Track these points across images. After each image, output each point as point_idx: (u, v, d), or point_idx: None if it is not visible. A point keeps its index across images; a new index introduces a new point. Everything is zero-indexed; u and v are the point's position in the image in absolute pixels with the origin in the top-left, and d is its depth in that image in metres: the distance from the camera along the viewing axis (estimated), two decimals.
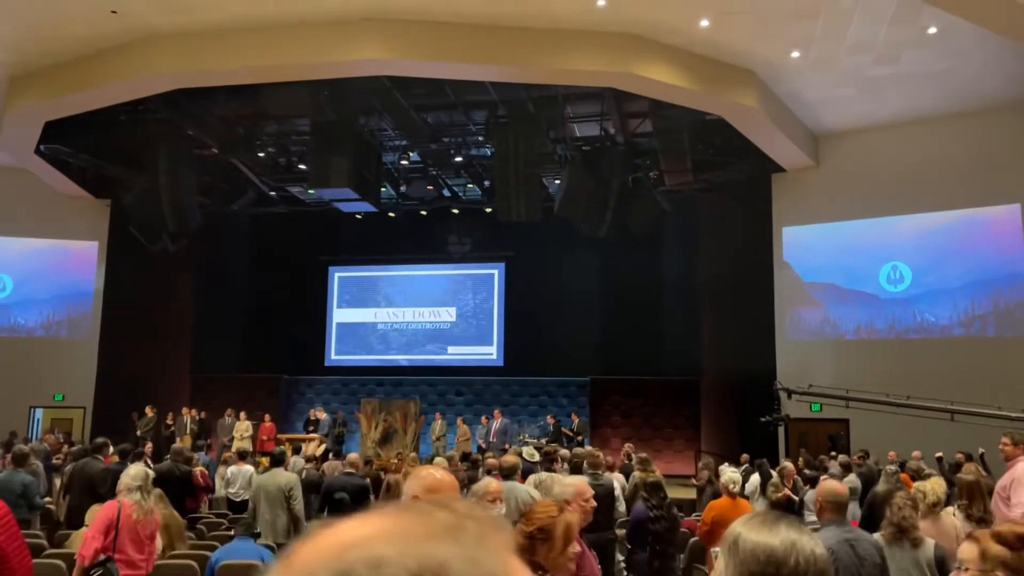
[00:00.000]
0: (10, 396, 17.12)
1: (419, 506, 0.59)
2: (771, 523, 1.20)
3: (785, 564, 1.14)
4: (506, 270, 20.36)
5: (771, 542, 1.16)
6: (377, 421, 17.82)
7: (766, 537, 1.17)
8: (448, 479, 2.56)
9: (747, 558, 1.16)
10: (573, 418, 17.52)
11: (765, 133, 14.20)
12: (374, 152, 16.08)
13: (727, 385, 17.09)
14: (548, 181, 17.31)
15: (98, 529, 4.79)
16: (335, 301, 21.09)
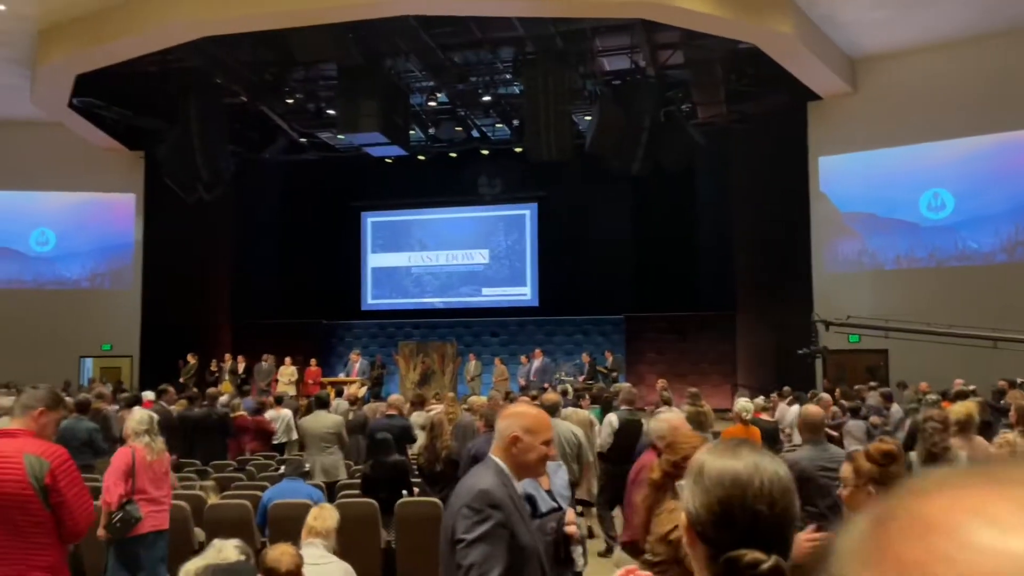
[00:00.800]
0: (60, 346, 17.63)
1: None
2: (733, 449, 1.24)
3: (750, 486, 1.17)
4: (538, 210, 20.29)
5: (735, 466, 1.20)
6: (415, 363, 18.11)
7: (730, 462, 1.20)
8: (547, 419, 2.57)
9: (712, 484, 1.19)
10: (607, 355, 17.64)
11: (800, 60, 13.80)
12: (402, 95, 15.96)
13: (763, 318, 17.03)
14: (578, 118, 17.08)
15: (117, 476, 4.98)
16: (369, 246, 21.23)
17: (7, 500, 3.18)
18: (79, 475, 3.45)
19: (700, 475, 1.22)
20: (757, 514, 1.16)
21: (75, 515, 3.32)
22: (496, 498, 2.31)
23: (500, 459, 2.46)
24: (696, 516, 1.20)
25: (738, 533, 1.16)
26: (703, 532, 1.19)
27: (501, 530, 2.26)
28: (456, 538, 2.26)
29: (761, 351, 17.21)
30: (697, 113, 16.51)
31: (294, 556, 3.34)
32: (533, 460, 2.46)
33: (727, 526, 1.17)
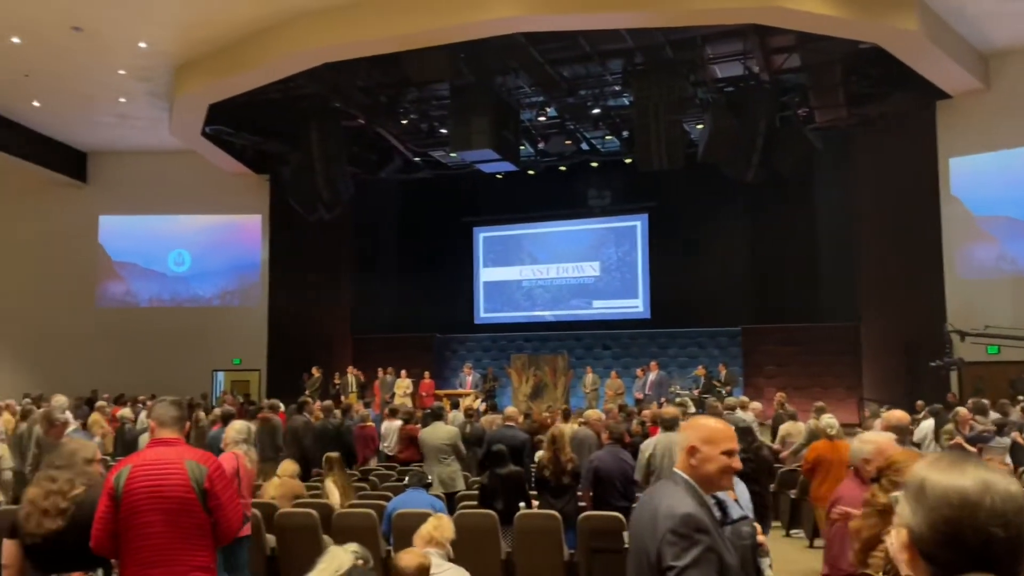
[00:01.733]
0: (196, 360, 18.75)
1: None
2: (958, 464, 1.16)
3: (981, 505, 1.10)
4: (649, 220, 20.09)
5: (962, 483, 1.12)
6: (527, 376, 18.24)
7: (956, 479, 1.13)
8: (727, 429, 2.56)
9: (938, 503, 1.13)
10: (720, 369, 17.22)
11: (927, 57, 13.14)
12: (512, 111, 16.17)
13: (890, 329, 16.24)
14: (690, 126, 16.84)
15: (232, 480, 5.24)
16: (481, 261, 21.57)
17: (175, 503, 3.39)
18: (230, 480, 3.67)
19: (922, 492, 1.16)
20: (990, 536, 1.10)
21: (229, 518, 3.53)
22: (702, 523, 2.31)
23: (684, 472, 2.47)
24: (919, 535, 1.15)
25: (968, 555, 1.10)
26: (927, 552, 1.14)
27: (710, 554, 2.28)
28: (666, 565, 2.26)
29: (889, 364, 16.39)
30: (815, 117, 15.98)
31: (423, 559, 3.47)
32: (714, 471, 2.44)
33: (956, 548, 1.11)
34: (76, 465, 3.62)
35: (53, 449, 3.64)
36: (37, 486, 3.54)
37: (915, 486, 1.17)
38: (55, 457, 3.68)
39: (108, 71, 15.03)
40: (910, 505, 1.17)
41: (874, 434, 4.77)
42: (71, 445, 3.75)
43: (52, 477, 3.54)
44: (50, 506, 3.44)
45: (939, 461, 1.19)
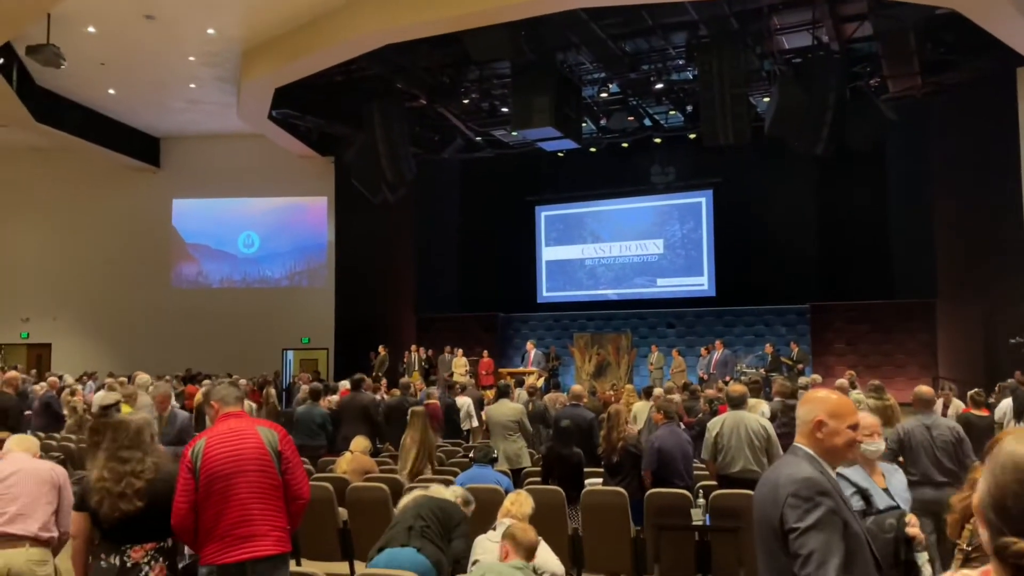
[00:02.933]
0: (266, 340, 19.27)
1: None
2: None
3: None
4: (713, 197, 19.76)
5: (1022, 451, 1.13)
6: (590, 354, 18.20)
7: (1021, 447, 1.14)
8: (851, 403, 2.57)
9: (998, 468, 1.14)
10: (792, 347, 16.91)
11: (1008, 21, 12.51)
12: (573, 88, 16.04)
13: (968, 306, 15.67)
14: (756, 100, 16.44)
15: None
16: (543, 239, 21.56)
17: (254, 464, 3.56)
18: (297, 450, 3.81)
19: (993, 458, 1.19)
20: None
21: (300, 481, 3.69)
22: (823, 485, 2.32)
23: (806, 446, 2.46)
24: (981, 499, 1.18)
25: (1011, 521, 1.12)
26: (985, 515, 1.16)
27: (834, 517, 2.28)
28: (789, 528, 2.27)
29: (966, 341, 15.85)
30: (888, 87, 15.41)
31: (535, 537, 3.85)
32: (841, 444, 2.45)
33: (1001, 513, 1.13)
34: (144, 443, 3.67)
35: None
36: (106, 469, 3.56)
37: (994, 452, 1.19)
38: (121, 437, 3.64)
39: (179, 58, 15.43)
40: (984, 469, 1.19)
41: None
42: (135, 423, 3.73)
43: (123, 458, 3.58)
44: (126, 488, 3.51)
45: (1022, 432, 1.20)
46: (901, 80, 15.09)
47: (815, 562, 2.19)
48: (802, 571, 2.20)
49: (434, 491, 4.58)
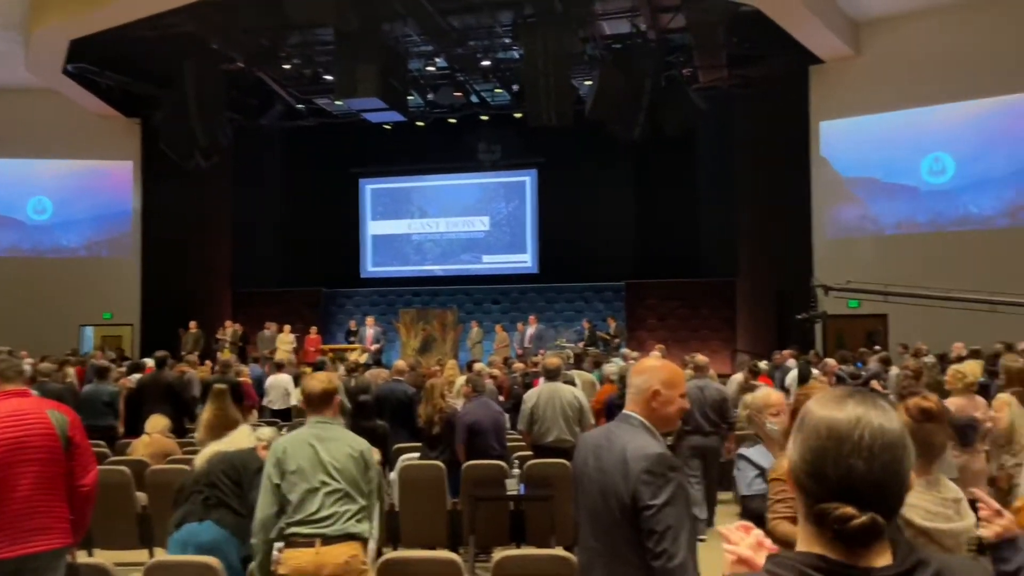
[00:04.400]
0: (60, 315, 17.65)
1: None
2: (841, 399, 1.17)
3: (848, 439, 1.11)
4: (538, 176, 20.20)
5: (836, 416, 1.14)
6: (416, 330, 18.12)
7: (832, 412, 1.15)
8: (681, 372, 2.63)
9: (810, 434, 1.15)
10: (609, 322, 17.67)
11: (802, 23, 13.64)
12: (400, 59, 15.81)
13: (764, 284, 17.03)
14: (579, 83, 16.91)
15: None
16: (368, 213, 21.18)
17: (41, 453, 3.26)
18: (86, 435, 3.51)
19: (802, 423, 1.18)
20: (851, 469, 1.11)
21: (86, 468, 3.42)
22: (673, 460, 2.40)
23: (639, 414, 2.50)
24: (793, 465, 1.17)
25: (828, 487, 1.12)
26: (799, 482, 1.16)
27: (682, 491, 2.35)
28: (645, 504, 2.31)
29: (762, 317, 17.24)
30: (699, 77, 16.35)
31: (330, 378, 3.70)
32: (672, 413, 2.52)
33: (819, 478, 1.13)
34: None
35: None
36: None
37: (800, 418, 1.19)
38: None
39: None
40: (793, 436, 1.19)
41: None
42: None
43: None
44: None
45: (826, 395, 1.20)
46: (710, 71, 16.06)
47: (671, 537, 2.26)
48: (658, 546, 2.26)
49: (232, 441, 4.40)
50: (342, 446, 3.49)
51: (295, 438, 3.54)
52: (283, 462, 3.45)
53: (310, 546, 3.35)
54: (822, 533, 1.11)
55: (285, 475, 3.43)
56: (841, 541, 1.10)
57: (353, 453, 3.49)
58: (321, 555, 3.34)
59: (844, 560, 1.10)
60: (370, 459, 3.56)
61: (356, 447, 3.52)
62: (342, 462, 3.45)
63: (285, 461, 3.44)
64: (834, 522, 1.09)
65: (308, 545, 3.35)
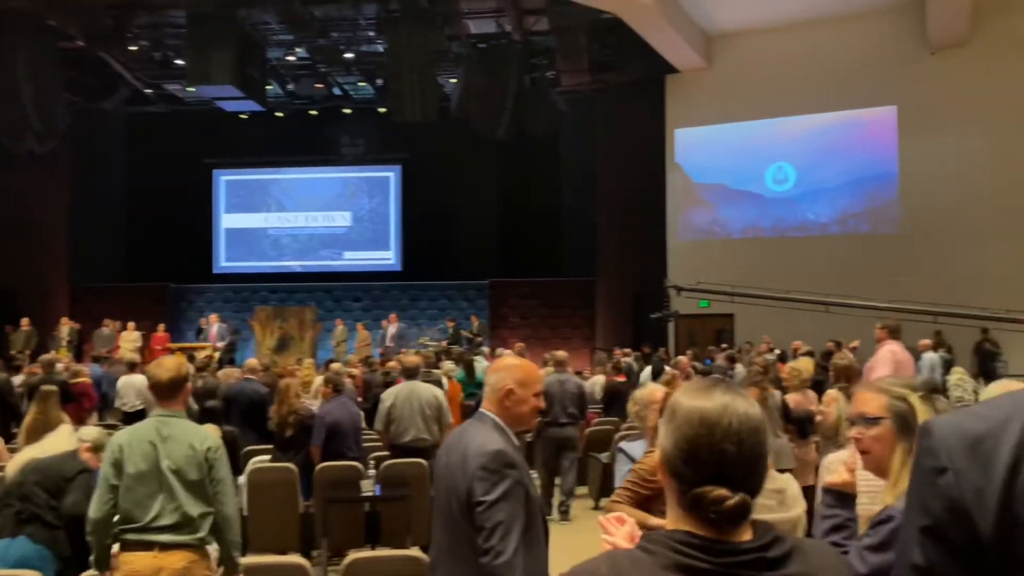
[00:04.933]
0: None
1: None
2: (707, 389, 1.26)
3: (718, 426, 1.20)
4: (402, 172, 19.98)
5: (706, 405, 1.22)
6: (272, 328, 17.50)
7: (701, 402, 1.23)
8: (537, 370, 2.62)
9: (682, 423, 1.23)
10: (473, 320, 17.70)
11: (659, 32, 14.16)
12: (257, 47, 15.26)
13: (622, 284, 17.56)
14: (444, 80, 16.87)
15: None
16: (222, 205, 20.26)
17: None
18: None
19: (673, 414, 1.24)
20: (724, 453, 1.19)
21: None
22: (511, 458, 2.36)
23: (494, 413, 2.47)
24: (667, 454, 1.23)
25: (704, 471, 1.19)
26: (674, 469, 1.22)
27: (518, 488, 2.32)
28: (476, 500, 2.28)
29: (619, 316, 17.77)
30: (562, 80, 16.67)
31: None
32: (526, 412, 2.51)
33: (694, 464, 1.20)
34: None
35: None
36: None
37: (670, 410, 1.26)
38: None
39: None
40: (664, 427, 1.25)
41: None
42: None
43: None
44: None
45: (692, 386, 1.29)
46: (573, 75, 16.40)
47: (499, 534, 2.24)
48: (487, 543, 2.24)
49: (47, 446, 4.06)
50: (184, 446, 3.29)
51: (134, 435, 3.31)
52: (121, 463, 3.23)
53: (149, 549, 3.18)
54: (692, 515, 1.19)
55: (123, 476, 3.20)
56: (714, 522, 1.17)
57: (197, 453, 3.29)
58: (159, 559, 3.18)
59: (712, 536, 1.17)
60: (216, 458, 3.36)
61: (200, 445, 3.32)
62: (184, 463, 3.26)
63: (123, 462, 3.23)
64: (710, 504, 1.17)
65: (147, 549, 3.18)
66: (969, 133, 14.02)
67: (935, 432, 1.09)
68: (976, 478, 1.04)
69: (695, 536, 1.16)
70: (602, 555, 1.19)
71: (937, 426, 1.10)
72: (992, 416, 1.09)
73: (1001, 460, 1.04)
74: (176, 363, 3.49)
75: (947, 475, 1.05)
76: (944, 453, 1.06)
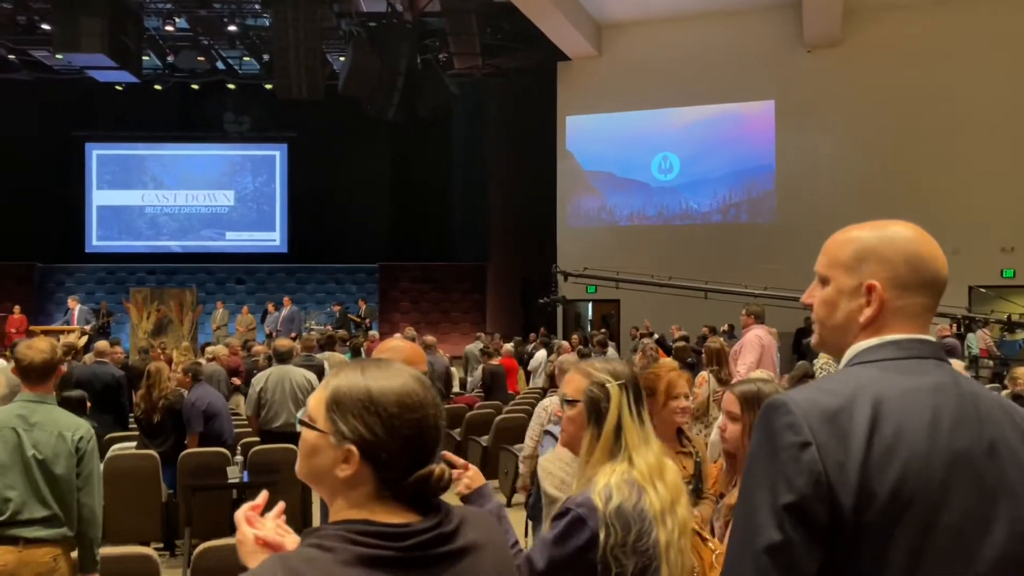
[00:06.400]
0: None
1: None
2: (387, 367, 1.18)
3: (425, 403, 1.15)
4: (289, 151, 19.42)
5: (409, 384, 1.15)
6: (149, 311, 16.73)
7: (399, 381, 1.15)
8: (419, 350, 2.56)
9: (395, 408, 1.14)
10: (360, 304, 17.43)
11: (550, 19, 14.23)
12: (132, 15, 14.47)
13: (512, 270, 17.68)
14: (333, 58, 16.46)
15: None
16: (95, 181, 19.17)
17: None
18: None
19: (371, 401, 1.11)
20: (438, 429, 1.17)
21: None
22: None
23: None
24: (371, 443, 1.10)
25: (423, 452, 1.14)
26: (385, 460, 1.11)
27: None
28: None
29: (509, 301, 17.90)
30: (454, 63, 16.55)
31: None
32: None
33: (416, 447, 1.13)
34: None
35: None
36: None
37: (359, 398, 1.12)
38: None
39: None
40: (359, 419, 1.11)
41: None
42: None
43: None
44: None
45: (368, 369, 1.16)
46: (464, 58, 16.31)
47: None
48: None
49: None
50: (52, 435, 3.09)
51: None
52: None
53: (13, 544, 3.00)
54: (390, 501, 1.11)
55: None
56: (424, 502, 1.13)
57: (66, 441, 3.10)
58: (24, 555, 3.01)
59: (394, 522, 1.10)
60: (86, 448, 3.18)
61: (71, 434, 3.13)
62: (50, 453, 3.07)
63: None
64: (437, 482, 1.14)
65: (11, 543, 3.00)
66: (842, 129, 14.78)
67: (794, 408, 1.08)
68: (837, 452, 1.05)
69: (374, 524, 1.08)
70: (271, 560, 1.06)
71: (794, 402, 1.09)
72: (840, 392, 1.10)
73: (857, 433, 1.06)
74: (50, 344, 3.24)
75: (810, 449, 1.05)
76: (806, 427, 1.06)
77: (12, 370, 3.56)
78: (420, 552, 1.09)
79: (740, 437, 2.31)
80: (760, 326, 6.78)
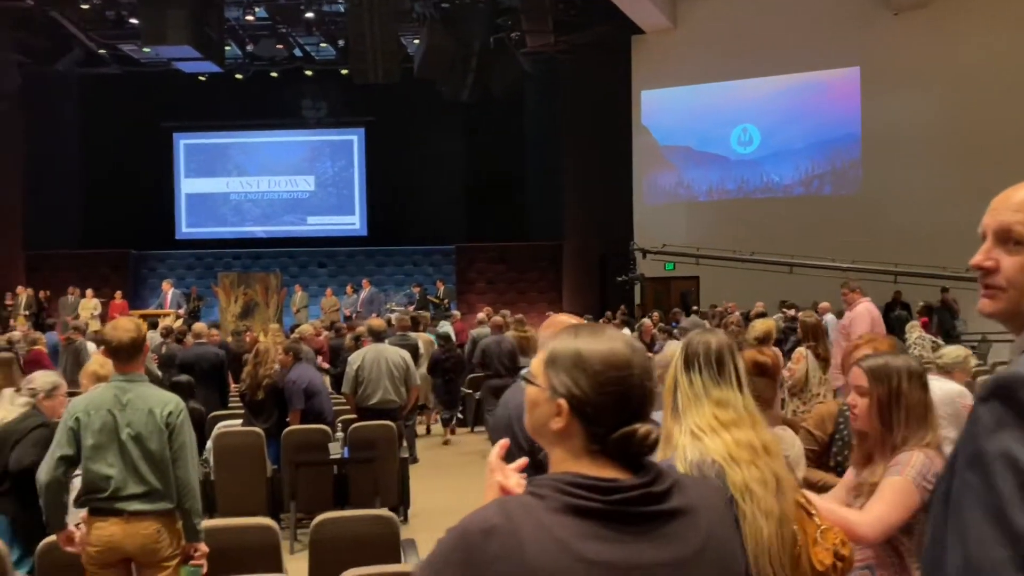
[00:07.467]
0: None
1: None
2: (600, 331, 1.26)
3: (634, 363, 1.21)
4: (366, 135, 19.70)
5: (617, 346, 1.22)
6: (236, 295, 17.28)
7: (609, 344, 1.23)
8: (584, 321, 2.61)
9: (603, 367, 1.21)
10: (438, 285, 17.63)
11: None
12: (215, 6, 14.85)
13: (588, 248, 17.59)
14: (408, 41, 16.59)
15: None
16: (182, 170, 19.86)
17: None
18: None
19: (581, 360, 1.20)
20: (645, 390, 1.21)
21: None
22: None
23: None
24: (579, 399, 1.19)
25: (630, 410, 1.19)
26: (592, 415, 1.18)
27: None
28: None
29: (586, 279, 17.83)
30: (526, 42, 16.48)
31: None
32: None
33: (623, 405, 1.19)
34: None
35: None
36: None
37: (569, 357, 1.21)
38: None
39: None
40: (569, 375, 1.20)
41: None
42: None
43: None
44: None
45: (581, 333, 1.25)
46: (537, 36, 16.21)
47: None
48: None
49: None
50: (143, 413, 3.22)
51: (92, 402, 3.23)
52: (77, 432, 3.16)
53: (119, 516, 3.15)
54: (599, 456, 1.18)
55: (80, 447, 3.15)
56: (632, 459, 1.18)
57: (155, 417, 3.23)
58: (129, 527, 3.16)
59: (604, 476, 1.17)
60: (176, 423, 3.29)
61: (160, 410, 3.25)
62: (143, 430, 3.20)
63: (79, 432, 3.16)
64: (641, 440, 1.18)
65: (116, 515, 3.15)
66: (932, 94, 14.18)
67: None
68: None
69: (583, 476, 1.16)
70: (493, 503, 1.17)
71: None
72: None
73: None
74: (135, 324, 3.37)
75: None
76: None
77: (103, 351, 3.71)
78: (627, 508, 1.14)
79: (869, 412, 2.28)
80: (866, 299, 6.64)
